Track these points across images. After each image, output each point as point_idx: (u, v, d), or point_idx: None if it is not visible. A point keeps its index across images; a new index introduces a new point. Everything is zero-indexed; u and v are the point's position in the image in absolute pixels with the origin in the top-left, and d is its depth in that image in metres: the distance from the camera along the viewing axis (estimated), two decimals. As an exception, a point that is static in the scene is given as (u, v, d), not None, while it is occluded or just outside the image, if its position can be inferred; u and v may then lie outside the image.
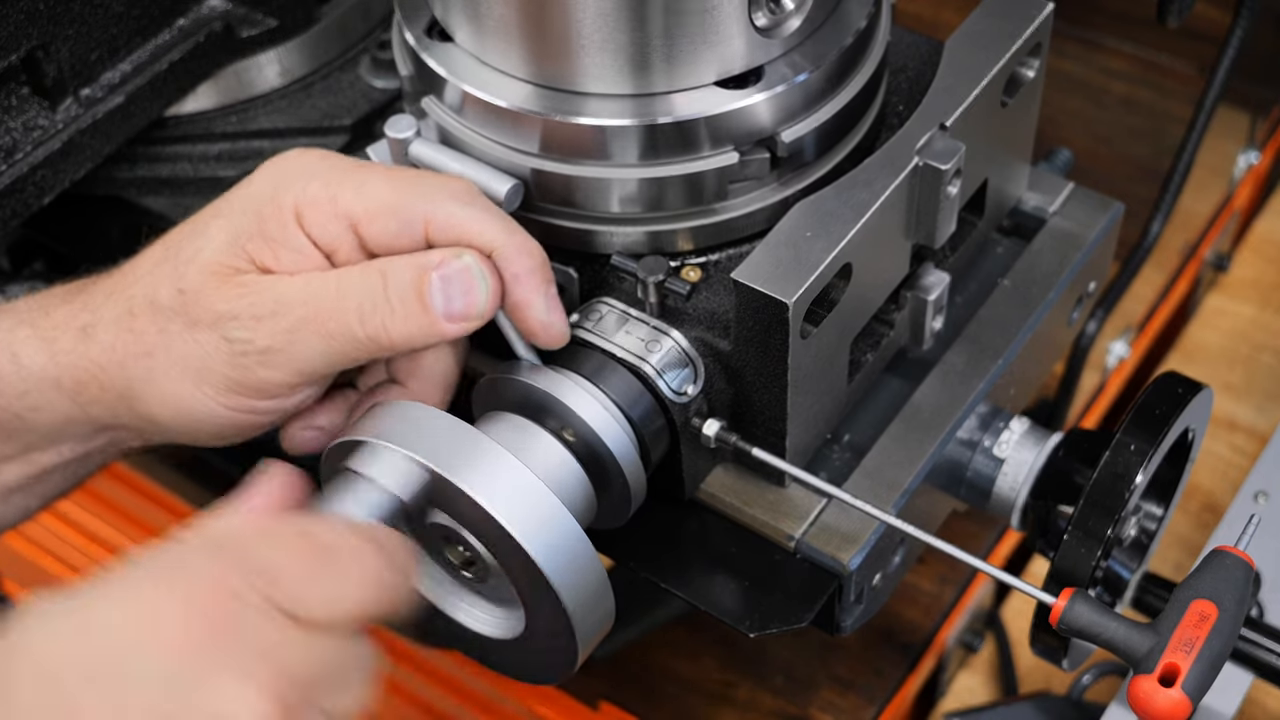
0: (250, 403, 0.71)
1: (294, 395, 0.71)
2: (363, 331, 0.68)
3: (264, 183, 0.71)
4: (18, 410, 0.74)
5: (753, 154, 0.74)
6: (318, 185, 0.70)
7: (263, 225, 0.70)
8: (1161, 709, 0.66)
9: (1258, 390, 1.27)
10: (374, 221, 0.69)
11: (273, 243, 0.70)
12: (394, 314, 0.68)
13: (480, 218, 0.70)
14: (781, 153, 0.75)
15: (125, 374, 0.72)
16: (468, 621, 0.74)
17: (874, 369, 0.80)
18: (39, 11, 0.83)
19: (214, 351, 0.70)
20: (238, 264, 0.70)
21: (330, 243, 0.70)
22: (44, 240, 1.00)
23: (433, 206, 0.69)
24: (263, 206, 0.70)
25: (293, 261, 0.70)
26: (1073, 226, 0.88)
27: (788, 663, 1.11)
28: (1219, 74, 1.02)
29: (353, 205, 0.69)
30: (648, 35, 0.71)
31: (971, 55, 0.78)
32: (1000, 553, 1.15)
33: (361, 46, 0.97)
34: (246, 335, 0.69)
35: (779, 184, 0.76)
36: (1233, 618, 0.68)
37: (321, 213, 0.69)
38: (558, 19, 0.71)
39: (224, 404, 0.71)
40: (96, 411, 0.74)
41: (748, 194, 0.76)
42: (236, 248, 0.70)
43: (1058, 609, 0.69)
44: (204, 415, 0.71)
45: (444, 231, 0.69)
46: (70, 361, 0.73)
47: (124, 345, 0.71)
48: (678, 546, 0.79)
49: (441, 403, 0.75)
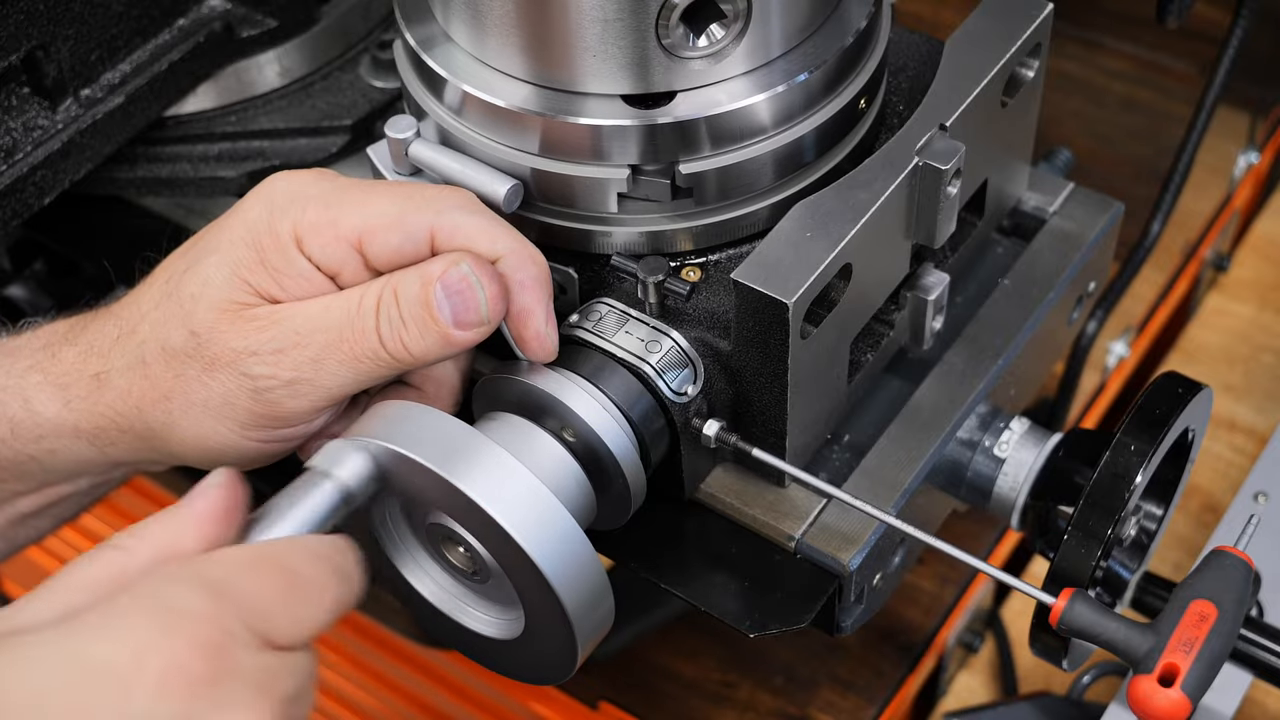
0: (276, 432, 0.71)
1: (319, 418, 0.71)
2: (386, 352, 0.68)
3: (259, 211, 0.70)
4: (33, 453, 0.74)
5: (652, 177, 0.73)
6: (316, 208, 0.69)
7: (263, 256, 0.69)
8: (1161, 709, 0.66)
9: (1258, 390, 1.27)
10: (377, 237, 0.69)
11: (276, 272, 0.69)
12: (409, 331, 0.68)
13: (486, 225, 0.70)
14: (680, 182, 0.74)
15: (144, 418, 0.71)
16: (468, 622, 0.74)
17: (874, 369, 0.80)
18: (39, 11, 0.83)
19: (236, 389, 0.69)
20: (244, 298, 0.69)
21: (334, 265, 0.69)
22: (44, 240, 1.00)
23: (437, 216, 0.69)
24: (260, 237, 0.69)
25: (299, 288, 0.69)
26: (1073, 226, 0.88)
27: (788, 663, 1.10)
28: (1219, 74, 1.02)
29: (356, 225, 0.69)
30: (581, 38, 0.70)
31: (971, 55, 0.78)
32: (1000, 553, 1.15)
33: (361, 46, 0.97)
34: (269, 371, 0.68)
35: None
36: (1232, 618, 0.68)
37: (323, 236, 0.69)
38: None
39: (249, 437, 0.71)
40: (115, 452, 0.73)
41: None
42: (239, 281, 0.69)
43: (1057, 609, 0.69)
44: (229, 449, 0.71)
45: (449, 240, 0.69)
46: (86, 408, 0.72)
47: (140, 391, 0.71)
48: (678, 546, 0.79)
49: (452, 404, 0.75)
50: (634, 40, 0.70)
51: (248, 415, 0.70)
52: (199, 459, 0.72)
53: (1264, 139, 1.35)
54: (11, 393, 0.73)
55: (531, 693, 1.10)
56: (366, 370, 0.69)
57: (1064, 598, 0.69)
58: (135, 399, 0.71)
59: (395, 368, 0.69)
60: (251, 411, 0.70)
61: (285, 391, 0.69)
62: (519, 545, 0.65)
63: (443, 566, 0.74)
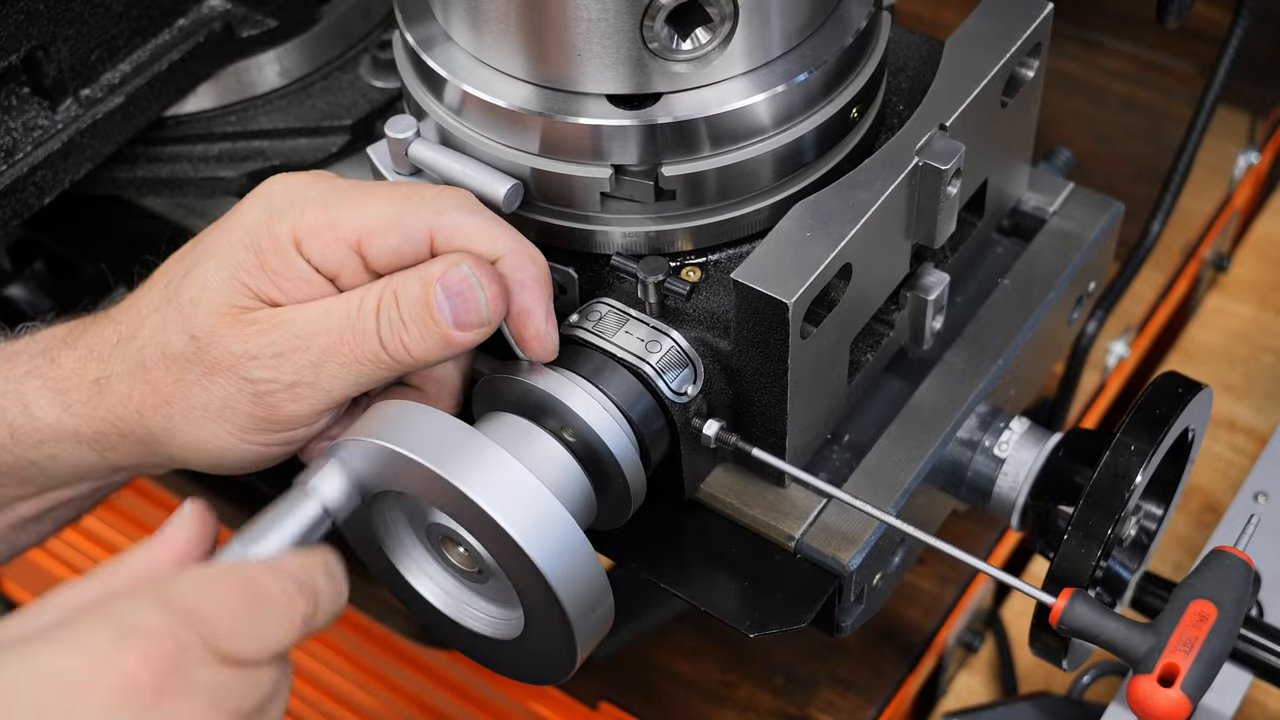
0: (276, 435, 0.71)
1: (320, 421, 0.71)
2: (387, 354, 0.68)
3: (257, 213, 0.70)
4: (34, 458, 0.74)
5: (636, 178, 0.73)
6: (315, 210, 0.69)
7: (262, 259, 0.69)
8: (1161, 709, 0.66)
9: (1258, 390, 1.27)
10: (376, 238, 0.69)
11: (275, 275, 0.69)
12: (409, 332, 0.68)
13: (485, 226, 0.70)
14: (663, 185, 0.73)
15: (145, 423, 0.71)
16: (468, 621, 0.74)
17: (874, 369, 0.80)
18: (39, 11, 0.83)
19: (236, 393, 0.69)
20: (244, 302, 0.69)
21: (333, 267, 0.69)
22: (44, 240, 1.00)
23: (436, 217, 0.69)
24: (259, 239, 0.69)
25: (298, 291, 0.69)
26: (1073, 226, 0.88)
27: (788, 663, 1.10)
28: (1219, 74, 1.02)
29: (355, 226, 0.69)
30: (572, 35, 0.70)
31: (971, 55, 0.78)
32: (1000, 553, 1.15)
33: (361, 46, 0.97)
34: (269, 374, 0.69)
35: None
36: (1232, 618, 0.68)
37: (322, 238, 0.69)
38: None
39: (249, 440, 0.71)
40: (115, 457, 0.73)
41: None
42: (238, 284, 0.69)
43: (1057, 609, 0.69)
44: (229, 452, 0.71)
45: (449, 241, 0.69)
46: (86, 413, 0.72)
47: (140, 396, 0.71)
48: (678, 546, 0.79)
49: (453, 405, 0.75)
50: (619, 40, 0.70)
51: (248, 419, 0.70)
52: (200, 463, 0.72)
53: (1264, 139, 1.35)
54: (11, 398, 0.73)
55: (531, 693, 1.10)
56: (367, 372, 0.69)
57: (1064, 598, 0.69)
58: (136, 404, 0.71)
59: (395, 370, 0.69)
60: (252, 415, 0.70)
61: (286, 395, 0.69)
62: (519, 545, 0.65)
63: (443, 566, 0.74)
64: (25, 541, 0.79)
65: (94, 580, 0.61)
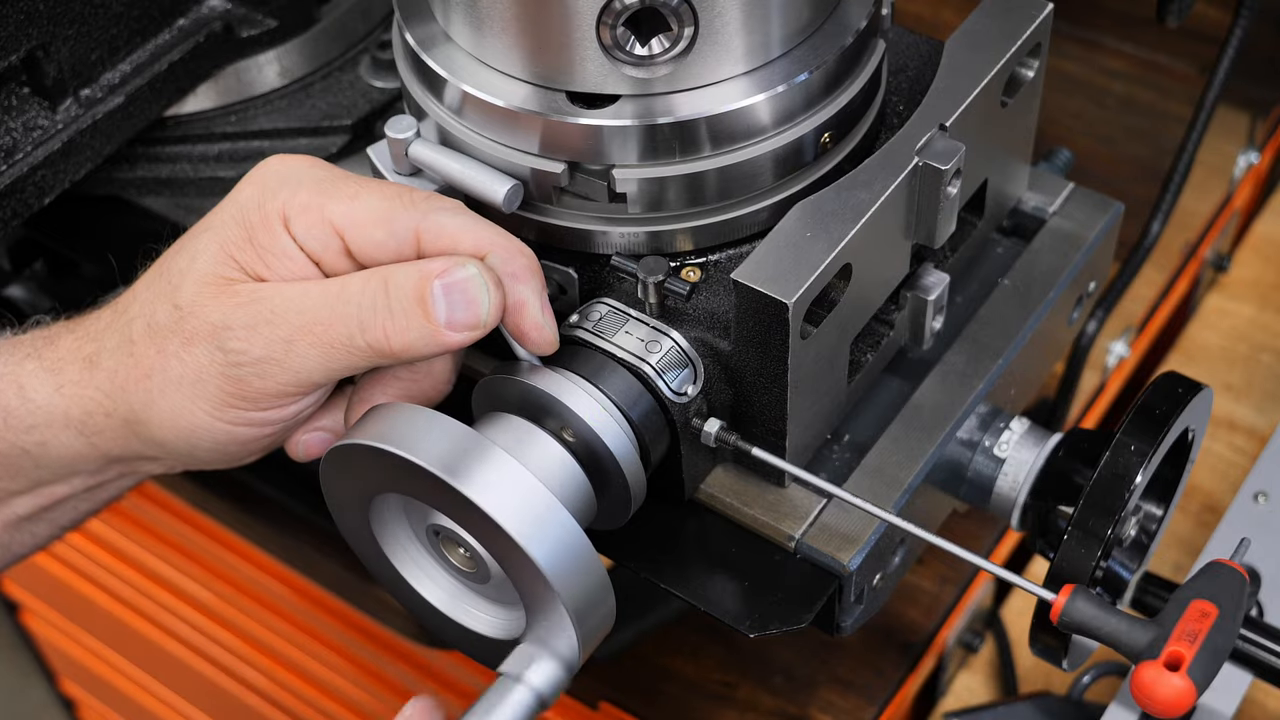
0: (246, 415, 0.71)
1: (291, 405, 0.71)
2: (363, 340, 0.68)
3: (250, 191, 0.71)
4: (25, 446, 0.74)
5: (590, 176, 0.73)
6: (306, 192, 0.70)
7: (251, 233, 0.70)
8: (1166, 694, 0.65)
9: (1258, 390, 1.27)
10: (362, 229, 0.69)
11: (262, 250, 0.70)
12: (394, 322, 0.68)
13: (470, 224, 0.70)
14: (614, 187, 0.73)
15: (128, 399, 0.72)
16: (468, 622, 0.74)
17: (874, 369, 0.80)
18: (39, 11, 0.83)
19: (209, 364, 0.70)
20: (230, 274, 0.70)
21: (317, 249, 0.70)
22: (44, 240, 1.00)
23: (424, 218, 0.70)
24: (250, 215, 0.70)
25: (284, 268, 0.70)
26: (1073, 226, 0.88)
27: (788, 663, 1.10)
28: (1219, 74, 1.02)
29: (343, 212, 0.69)
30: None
31: (971, 55, 0.78)
32: (1000, 553, 1.15)
33: (361, 46, 0.97)
34: (241, 346, 0.69)
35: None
36: (1233, 618, 0.68)
37: (309, 217, 0.69)
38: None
39: (220, 417, 0.71)
40: (103, 443, 0.74)
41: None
42: (226, 257, 0.70)
43: (1058, 605, 0.69)
44: (201, 430, 0.71)
45: (435, 240, 0.69)
46: (76, 392, 0.73)
47: (125, 370, 0.71)
48: (678, 547, 0.79)
49: (437, 395, 0.75)
50: (575, 39, 0.70)
51: (218, 393, 0.70)
52: (178, 444, 0.72)
53: (1264, 139, 1.35)
54: (7, 380, 0.74)
55: (531, 693, 1.10)
56: (338, 357, 0.69)
57: (1065, 593, 0.69)
58: (121, 379, 0.72)
59: (370, 358, 0.69)
60: (222, 389, 0.70)
61: (253, 369, 0.69)
62: (519, 546, 0.65)
63: (443, 567, 0.74)
64: (22, 545, 0.79)
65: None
